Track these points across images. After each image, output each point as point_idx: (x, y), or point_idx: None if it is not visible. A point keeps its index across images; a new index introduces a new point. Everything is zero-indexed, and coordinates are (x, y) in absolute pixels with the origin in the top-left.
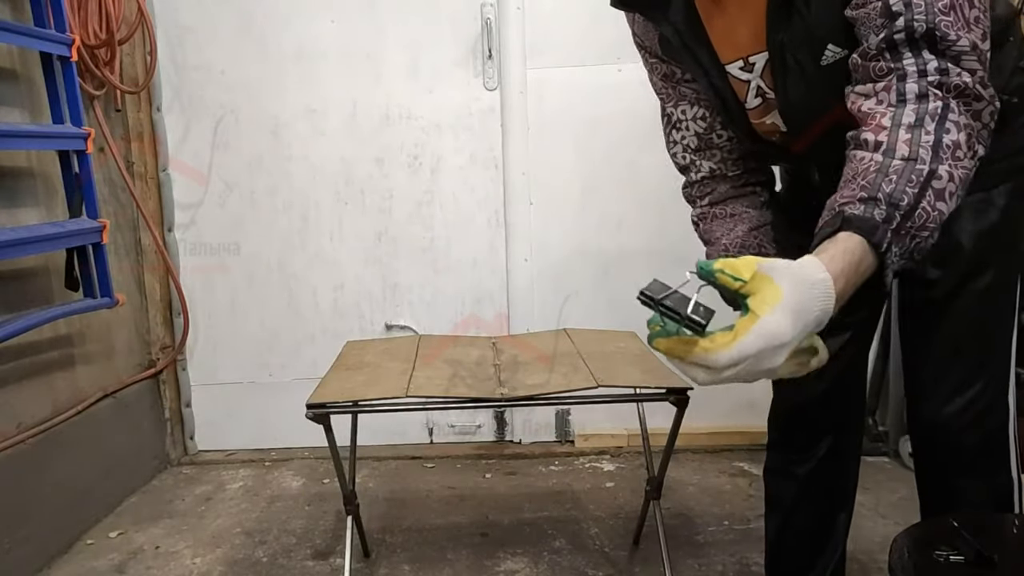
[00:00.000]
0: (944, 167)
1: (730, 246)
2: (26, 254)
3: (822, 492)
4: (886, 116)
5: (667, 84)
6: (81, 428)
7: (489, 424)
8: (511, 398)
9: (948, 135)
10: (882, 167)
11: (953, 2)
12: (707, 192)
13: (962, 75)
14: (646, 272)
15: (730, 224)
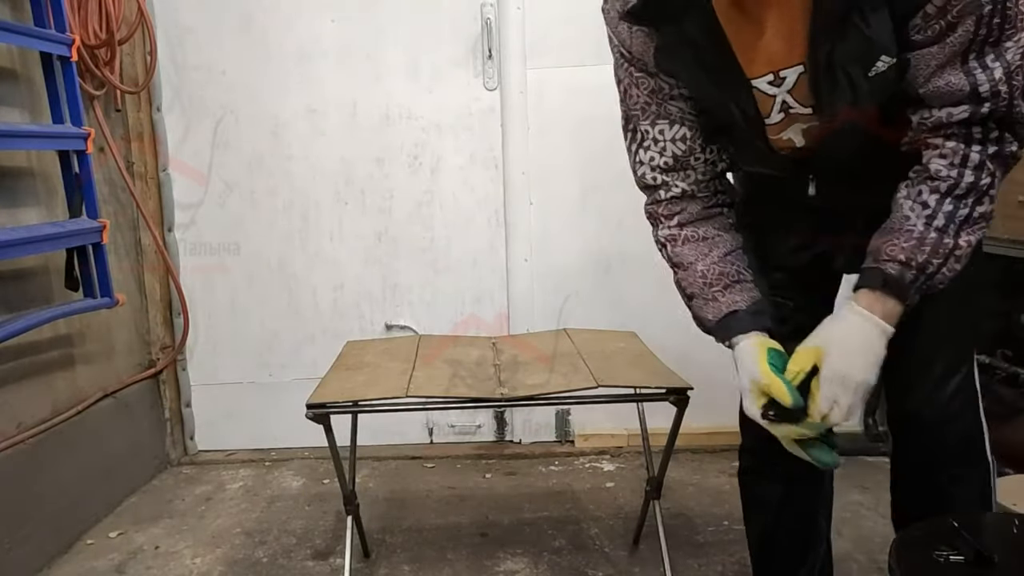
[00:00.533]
0: (965, 238)
1: (707, 272)
2: (26, 254)
3: (804, 490)
4: (943, 183)
5: (652, 100)
6: (81, 428)
7: (489, 424)
8: (511, 398)
9: (980, 207)
10: (921, 239)
11: None
12: (676, 212)
13: (1014, 144)
14: (646, 272)
15: (704, 248)
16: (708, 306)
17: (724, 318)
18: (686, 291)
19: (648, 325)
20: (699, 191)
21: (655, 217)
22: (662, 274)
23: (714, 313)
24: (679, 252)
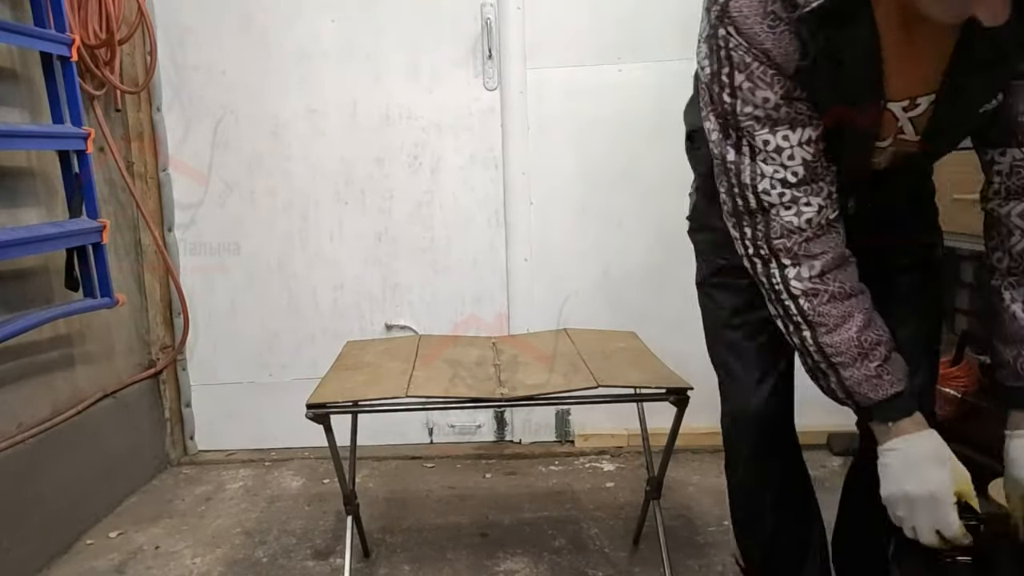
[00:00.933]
0: None
1: (862, 341)
2: (26, 254)
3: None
4: None
5: (784, 102)
6: (81, 428)
7: (489, 424)
8: (511, 398)
9: None
10: None
11: None
12: (817, 253)
13: None
14: (646, 272)
15: (852, 307)
16: (868, 382)
17: (893, 398)
18: (831, 358)
19: (648, 325)
20: (831, 211)
21: (788, 254)
22: (662, 274)
23: (876, 391)
24: (823, 311)
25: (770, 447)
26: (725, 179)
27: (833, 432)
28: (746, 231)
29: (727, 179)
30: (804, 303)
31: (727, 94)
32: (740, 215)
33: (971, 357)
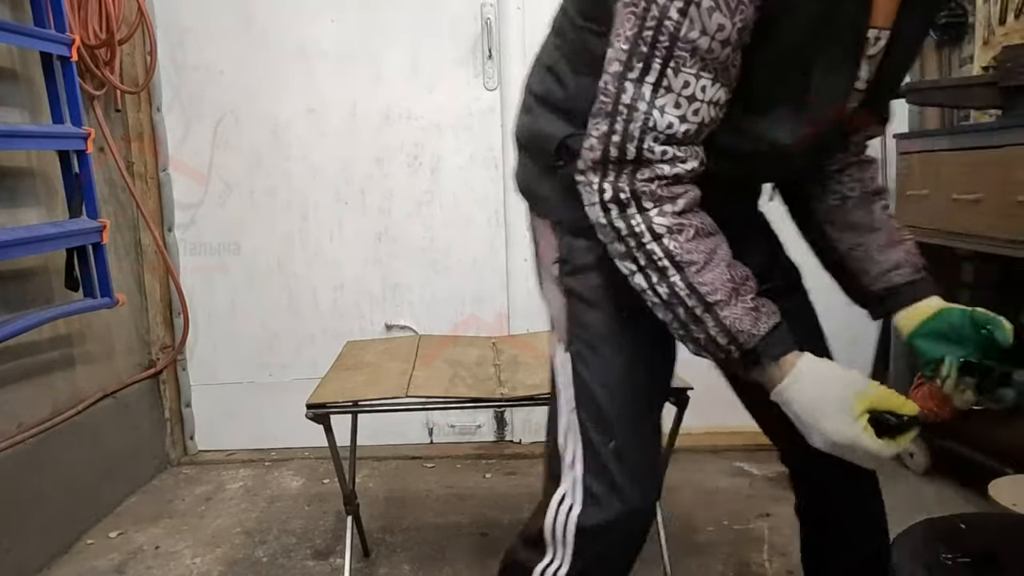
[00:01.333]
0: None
1: (734, 275)
2: (26, 254)
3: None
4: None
5: (732, 43)
6: (81, 428)
7: (489, 424)
8: (511, 398)
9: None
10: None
11: None
12: (679, 194)
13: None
14: None
15: (715, 243)
16: (748, 317)
17: (774, 330)
18: (707, 297)
19: None
20: (700, 167)
21: (651, 197)
22: None
23: (757, 324)
24: (689, 247)
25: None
26: (606, 122)
27: None
28: (608, 177)
29: (609, 123)
30: (670, 242)
31: (677, 9)
32: (606, 163)
33: None
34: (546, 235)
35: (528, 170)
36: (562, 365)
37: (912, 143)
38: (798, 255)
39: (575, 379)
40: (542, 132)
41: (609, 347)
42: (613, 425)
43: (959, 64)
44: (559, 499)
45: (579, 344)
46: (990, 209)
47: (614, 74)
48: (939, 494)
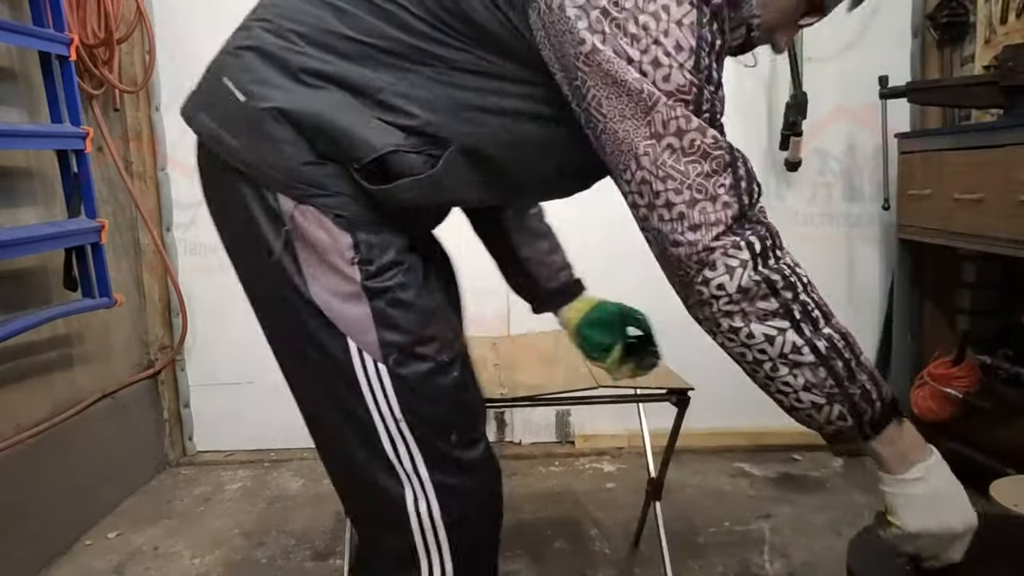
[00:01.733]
0: None
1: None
2: (24, 254)
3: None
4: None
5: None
6: (80, 429)
7: (489, 424)
8: (511, 398)
9: None
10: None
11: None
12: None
13: None
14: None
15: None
16: (880, 380)
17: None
18: (853, 346)
19: None
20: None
21: (774, 241)
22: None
23: (884, 387)
24: (820, 301)
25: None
26: (731, 175)
27: None
28: (750, 235)
29: (733, 174)
30: (814, 292)
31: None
32: (743, 217)
33: (972, 357)
34: (326, 229)
35: (300, 150)
36: (375, 377)
37: (913, 143)
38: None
39: (397, 386)
40: (341, 127)
41: (427, 345)
42: (449, 419)
43: (960, 63)
44: (414, 508)
45: (394, 350)
46: (992, 209)
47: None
48: None
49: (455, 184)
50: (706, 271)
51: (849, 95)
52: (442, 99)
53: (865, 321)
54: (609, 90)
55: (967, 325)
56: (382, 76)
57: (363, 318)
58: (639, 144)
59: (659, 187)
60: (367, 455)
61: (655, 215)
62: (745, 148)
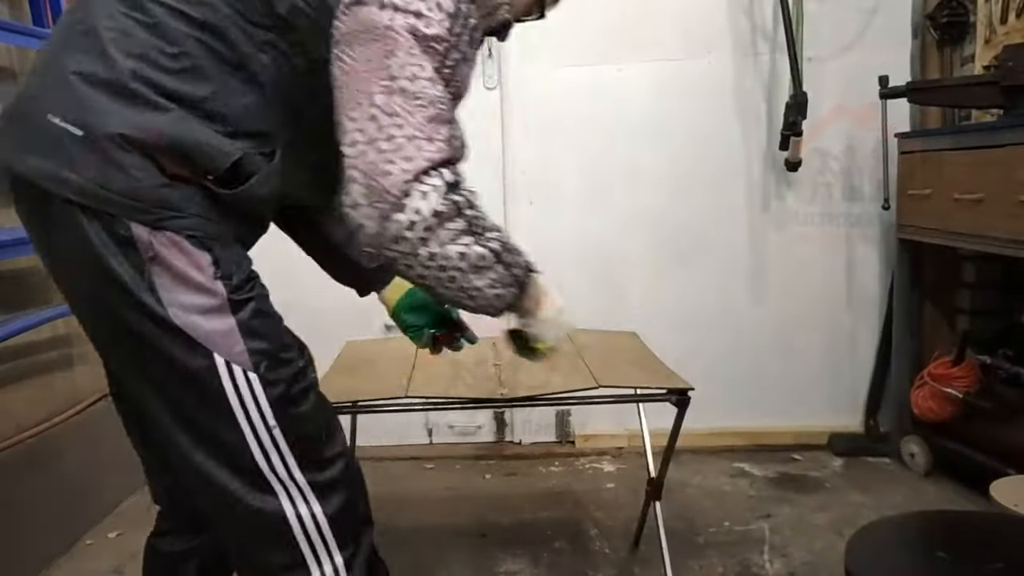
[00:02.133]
0: None
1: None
2: (25, 254)
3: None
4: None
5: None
6: (80, 429)
7: (489, 424)
8: (511, 398)
9: None
10: None
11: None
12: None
13: None
14: (646, 272)
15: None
16: (518, 248)
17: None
18: (505, 241)
19: (648, 325)
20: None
21: (458, 175)
22: (663, 274)
23: (524, 253)
24: (481, 208)
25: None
26: (447, 128)
27: (834, 432)
28: (445, 172)
29: (450, 129)
30: (480, 209)
31: (452, 55)
32: (447, 163)
33: (972, 357)
34: (183, 250)
35: (150, 174)
36: (246, 388)
37: (913, 142)
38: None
39: (270, 392)
40: (194, 142)
41: (288, 351)
42: (319, 417)
43: (960, 63)
44: (294, 515)
45: (263, 358)
46: (992, 209)
47: (430, 80)
48: (940, 494)
49: (291, 175)
50: (406, 199)
51: (849, 95)
52: (257, 101)
53: (865, 321)
54: (362, 34)
55: (967, 325)
56: (203, 87)
57: (230, 331)
58: (375, 83)
59: (385, 122)
60: (237, 477)
61: (373, 148)
62: (745, 148)
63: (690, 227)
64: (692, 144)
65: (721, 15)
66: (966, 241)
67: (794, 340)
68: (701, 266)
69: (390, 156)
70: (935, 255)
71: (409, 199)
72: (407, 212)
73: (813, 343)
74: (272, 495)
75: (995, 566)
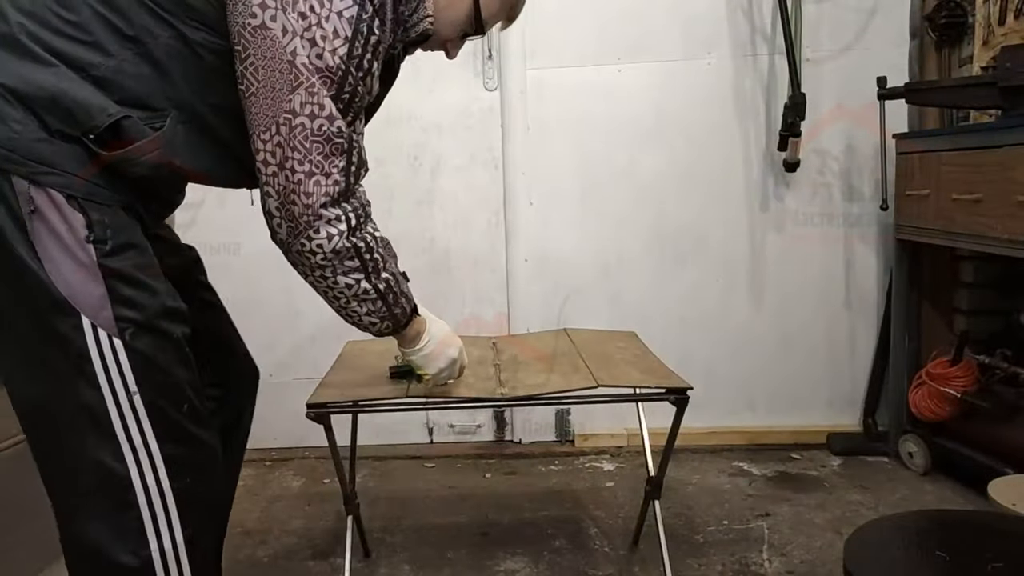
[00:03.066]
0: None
1: (396, 270)
2: None
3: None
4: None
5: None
6: None
7: (489, 424)
8: (511, 398)
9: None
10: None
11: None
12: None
13: None
14: (646, 272)
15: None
16: (409, 296)
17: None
18: (398, 279)
19: (648, 325)
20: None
21: (369, 216)
22: (662, 274)
23: (410, 302)
24: (384, 254)
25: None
26: (343, 159)
27: (833, 432)
28: (347, 209)
29: (347, 158)
30: (379, 250)
31: (357, 67)
32: (347, 194)
33: (970, 357)
34: (58, 207)
35: (31, 128)
36: (109, 352)
37: (912, 143)
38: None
39: (132, 358)
40: (75, 98)
41: (163, 320)
42: (184, 387)
43: (959, 64)
44: (140, 482)
45: (129, 325)
46: (990, 209)
47: (331, 116)
48: (939, 494)
49: (183, 148)
50: (311, 232)
51: (848, 96)
52: (149, 74)
53: (863, 321)
54: (267, 62)
55: (965, 325)
56: (94, 55)
57: (99, 296)
58: (280, 115)
59: (288, 154)
60: (93, 438)
61: (282, 174)
62: (744, 148)
63: (689, 227)
64: (691, 144)
65: (720, 16)
66: (964, 241)
67: (792, 340)
68: (700, 266)
69: (295, 188)
70: (933, 255)
71: (315, 233)
72: (311, 243)
73: (812, 342)
74: (122, 462)
75: (993, 565)
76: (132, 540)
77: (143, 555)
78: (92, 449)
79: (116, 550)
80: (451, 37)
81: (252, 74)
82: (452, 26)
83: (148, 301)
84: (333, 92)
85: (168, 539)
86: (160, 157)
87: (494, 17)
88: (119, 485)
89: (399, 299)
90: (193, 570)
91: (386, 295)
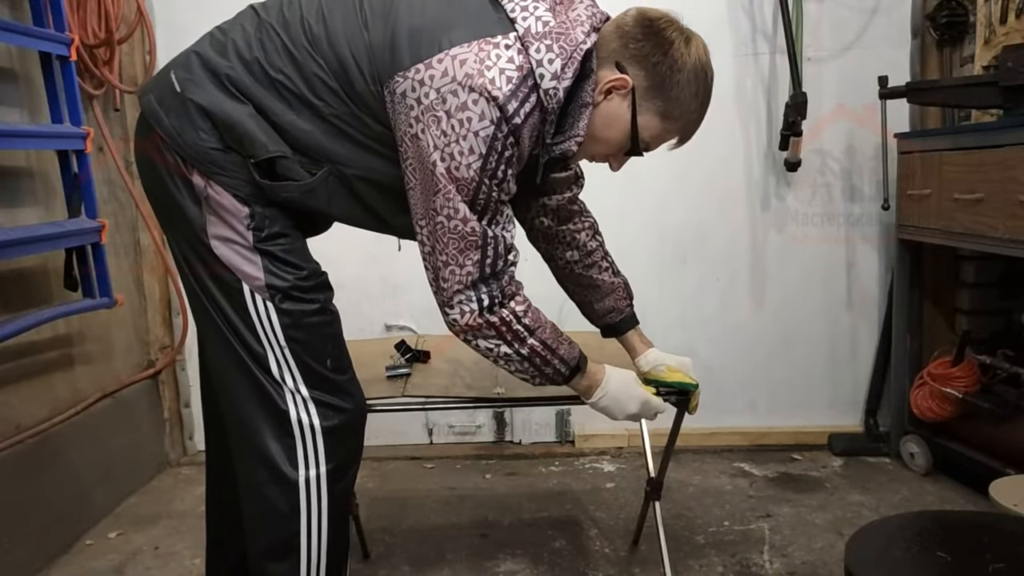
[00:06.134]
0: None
1: (552, 327)
2: (25, 254)
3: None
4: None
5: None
6: (80, 429)
7: (489, 424)
8: (511, 398)
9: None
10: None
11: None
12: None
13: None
14: (646, 272)
15: (537, 312)
16: (570, 348)
17: (580, 353)
18: (550, 345)
19: (648, 325)
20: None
21: (512, 295)
22: (662, 274)
23: (573, 349)
24: (535, 317)
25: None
26: (478, 253)
27: (833, 432)
28: (482, 291)
29: (481, 252)
30: (526, 320)
31: (489, 173)
32: (484, 281)
33: (971, 357)
34: (228, 201)
35: (211, 140)
36: (265, 314)
37: (913, 143)
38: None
39: (281, 318)
40: (248, 131)
41: (306, 291)
42: (323, 348)
43: (960, 64)
44: (296, 417)
45: (277, 292)
46: (991, 209)
47: (466, 218)
48: (940, 494)
49: (326, 197)
50: (447, 308)
51: (849, 95)
52: (318, 134)
53: (865, 321)
54: (418, 164)
55: (966, 325)
56: (278, 104)
57: (255, 269)
58: (429, 211)
59: (435, 243)
60: (261, 374)
61: (431, 258)
62: (745, 148)
63: (690, 227)
64: (692, 144)
65: (721, 15)
66: (965, 241)
67: (794, 340)
68: (701, 266)
69: (440, 271)
70: (935, 255)
71: (450, 309)
72: (448, 316)
73: (813, 343)
74: (282, 398)
75: (995, 566)
76: (293, 461)
77: (297, 475)
78: (261, 384)
79: (283, 464)
80: (612, 153)
81: (411, 173)
82: (610, 145)
83: (293, 278)
84: (468, 199)
85: (314, 468)
86: (298, 198)
87: (657, 139)
88: (284, 418)
89: (549, 362)
90: (330, 499)
91: (531, 358)
